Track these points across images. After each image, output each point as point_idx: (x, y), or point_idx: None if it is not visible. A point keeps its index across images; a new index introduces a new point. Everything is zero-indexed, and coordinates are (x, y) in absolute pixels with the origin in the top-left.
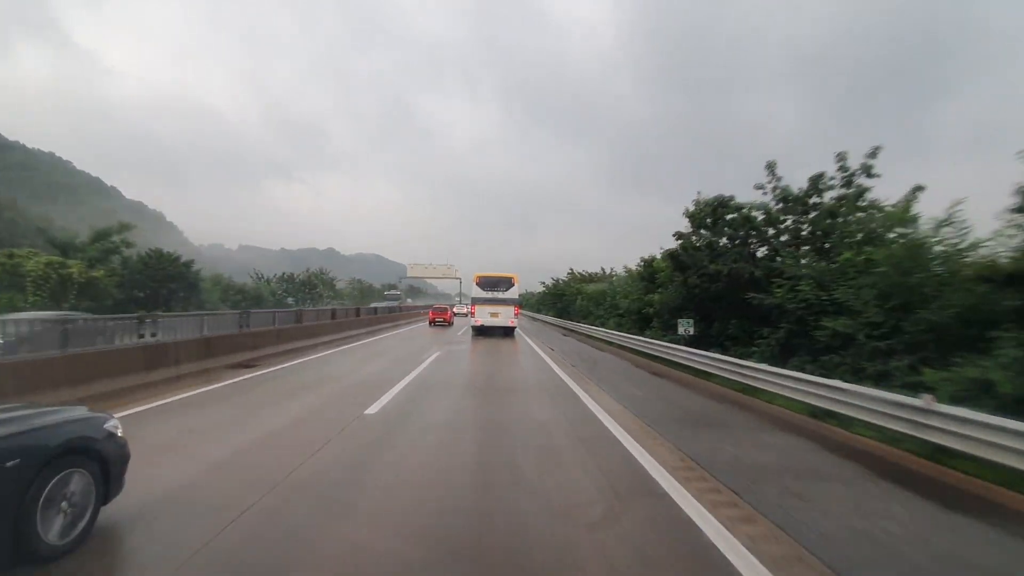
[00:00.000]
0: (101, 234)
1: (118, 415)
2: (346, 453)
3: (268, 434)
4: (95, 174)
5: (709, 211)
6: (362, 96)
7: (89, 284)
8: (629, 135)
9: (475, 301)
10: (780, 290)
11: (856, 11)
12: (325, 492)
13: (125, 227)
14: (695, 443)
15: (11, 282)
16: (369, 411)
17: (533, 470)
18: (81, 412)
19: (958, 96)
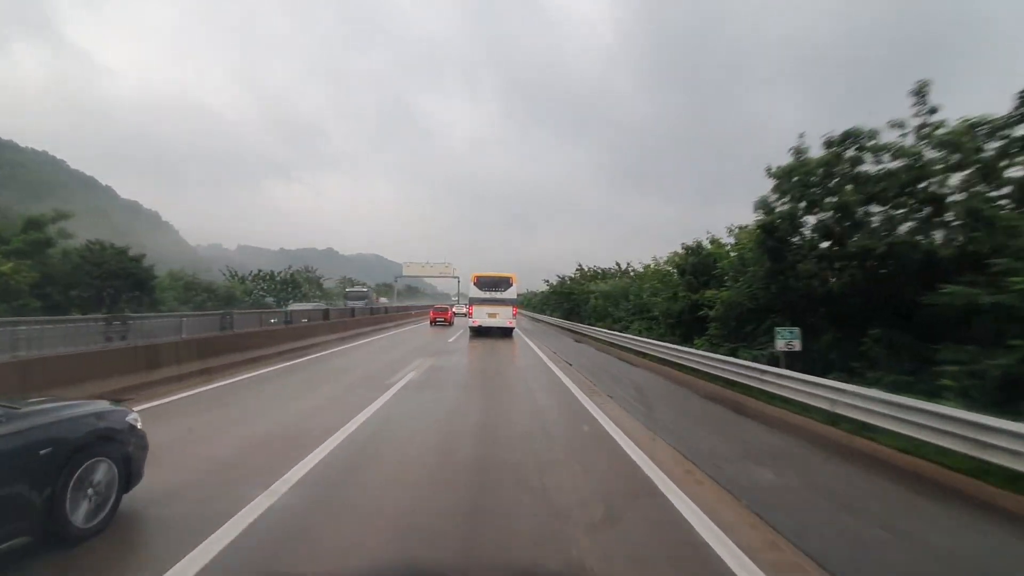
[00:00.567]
0: (31, 223)
1: None
2: None
3: None
4: (89, 173)
5: (828, 161)
6: (361, 95)
7: None
8: (629, 134)
9: (473, 301)
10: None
11: (857, 8)
12: None
13: (62, 215)
14: None
15: None
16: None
17: None
18: (104, 406)
19: (958, 93)
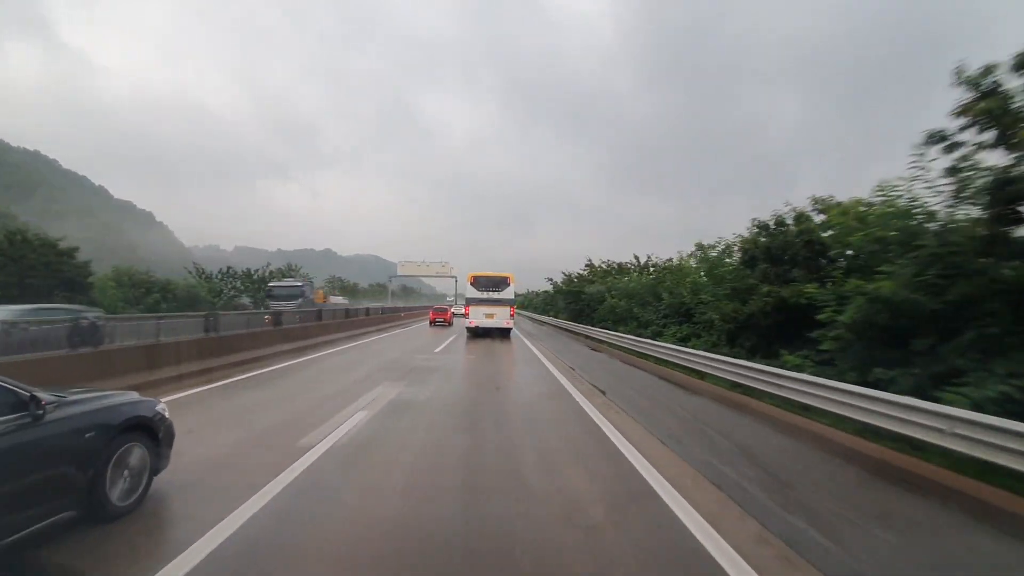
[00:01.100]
0: None
1: None
2: None
3: None
4: (82, 173)
5: None
6: (359, 95)
7: None
8: (629, 134)
9: (469, 302)
10: None
11: (858, 6)
12: None
13: None
14: None
15: None
16: None
17: None
18: (134, 396)
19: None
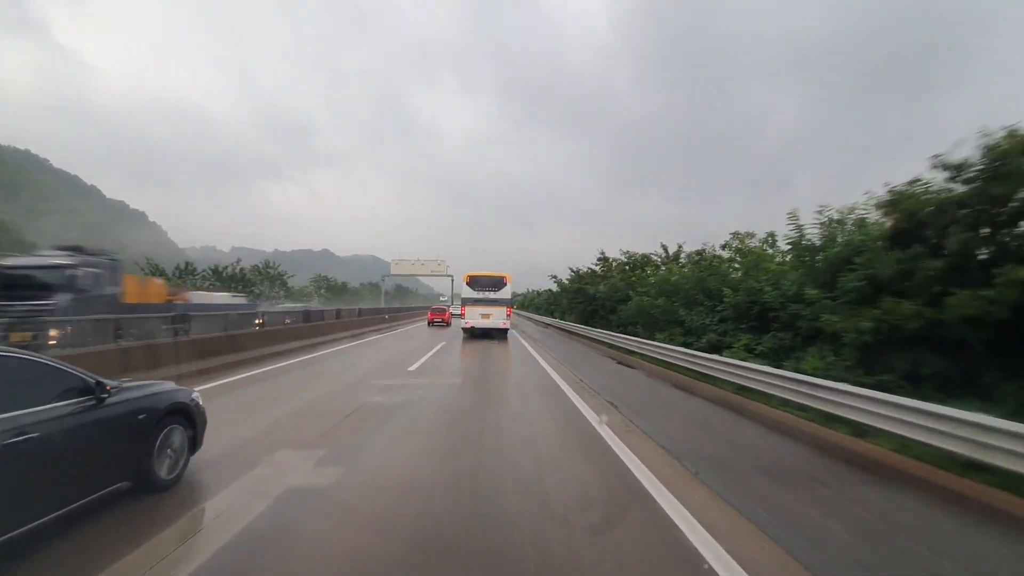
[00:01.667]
0: None
1: None
2: None
3: None
4: (73, 172)
5: None
6: (357, 95)
7: None
8: (628, 133)
9: (465, 302)
10: None
11: (858, 3)
12: None
13: None
14: None
15: None
16: None
17: None
18: (172, 385)
19: (962, 90)
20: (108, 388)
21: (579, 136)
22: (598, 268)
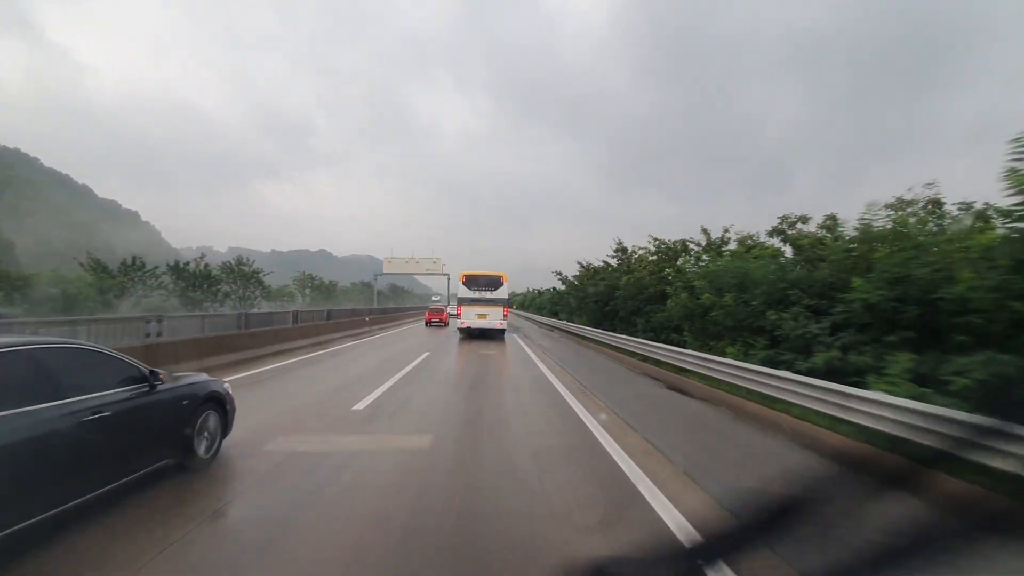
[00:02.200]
0: None
1: None
2: None
3: None
4: (65, 172)
5: None
6: (354, 95)
7: None
8: (627, 131)
9: (461, 302)
10: None
11: (859, 1)
12: None
13: None
14: None
15: None
16: None
17: None
18: (206, 376)
19: (964, 88)
20: (160, 376)
21: (578, 135)
22: (614, 261)
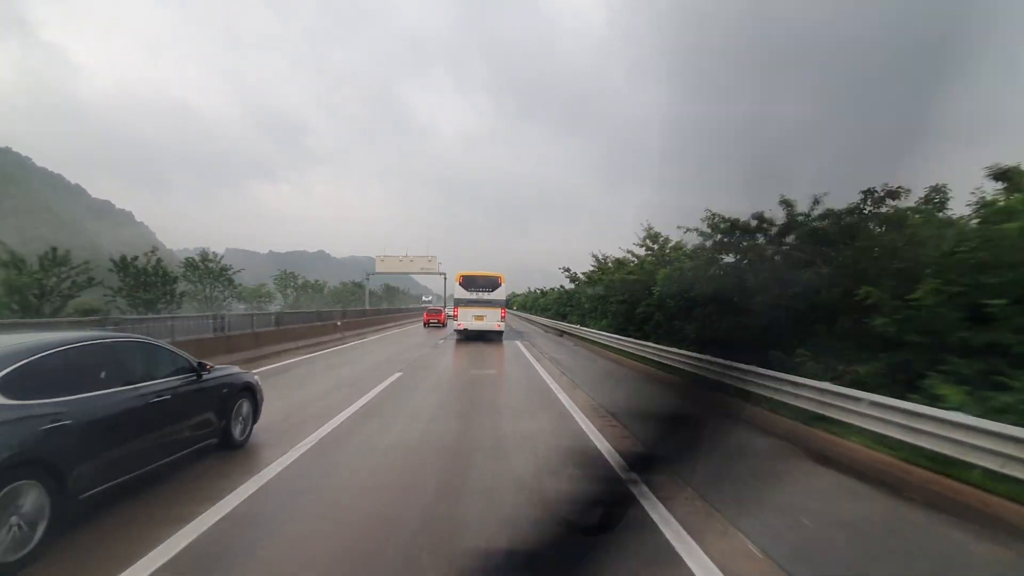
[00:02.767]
0: None
1: None
2: None
3: None
4: (57, 171)
5: None
6: (351, 95)
7: None
8: (626, 130)
9: (458, 303)
10: None
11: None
12: None
13: None
14: None
15: None
16: None
17: None
18: (237, 369)
19: (964, 85)
20: (208, 367)
21: (577, 134)
22: (644, 252)
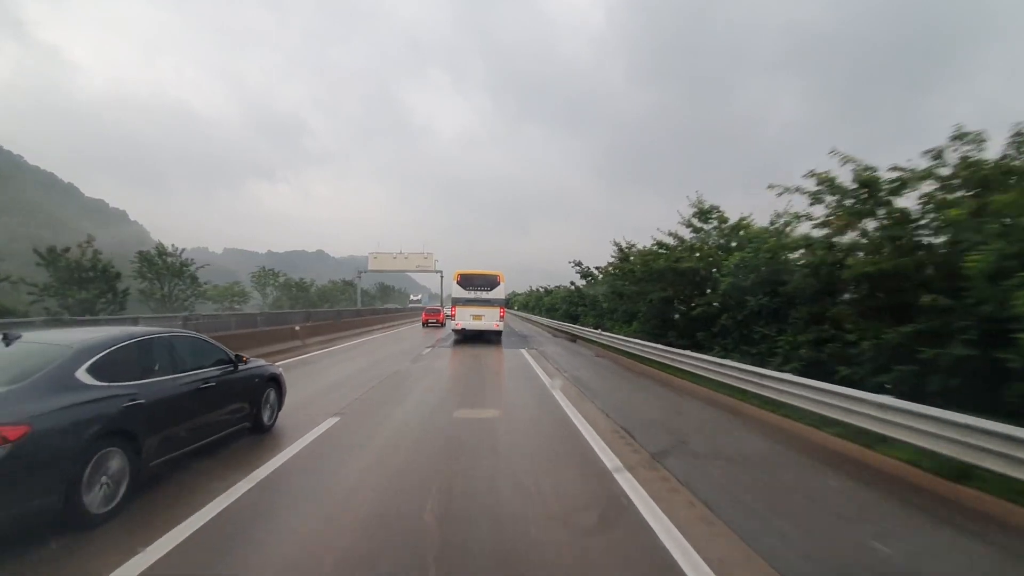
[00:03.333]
0: None
1: None
2: None
3: None
4: (49, 170)
5: None
6: (350, 95)
7: None
8: (625, 129)
9: (456, 302)
10: None
11: None
12: None
13: None
14: None
15: None
16: None
17: None
18: (264, 363)
19: (965, 83)
20: (245, 359)
21: (576, 134)
22: (687, 232)
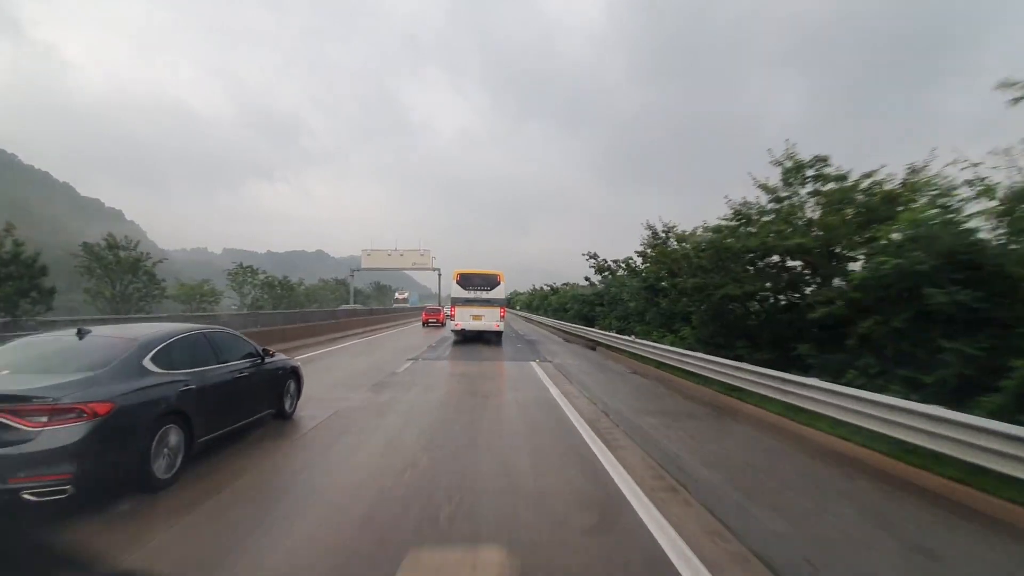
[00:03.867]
0: None
1: None
2: None
3: None
4: (44, 169)
5: None
6: (350, 94)
7: None
8: (624, 128)
9: (455, 302)
10: None
11: None
12: None
13: None
14: None
15: None
16: None
17: None
18: (284, 356)
19: (966, 81)
20: (271, 353)
21: (576, 132)
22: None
